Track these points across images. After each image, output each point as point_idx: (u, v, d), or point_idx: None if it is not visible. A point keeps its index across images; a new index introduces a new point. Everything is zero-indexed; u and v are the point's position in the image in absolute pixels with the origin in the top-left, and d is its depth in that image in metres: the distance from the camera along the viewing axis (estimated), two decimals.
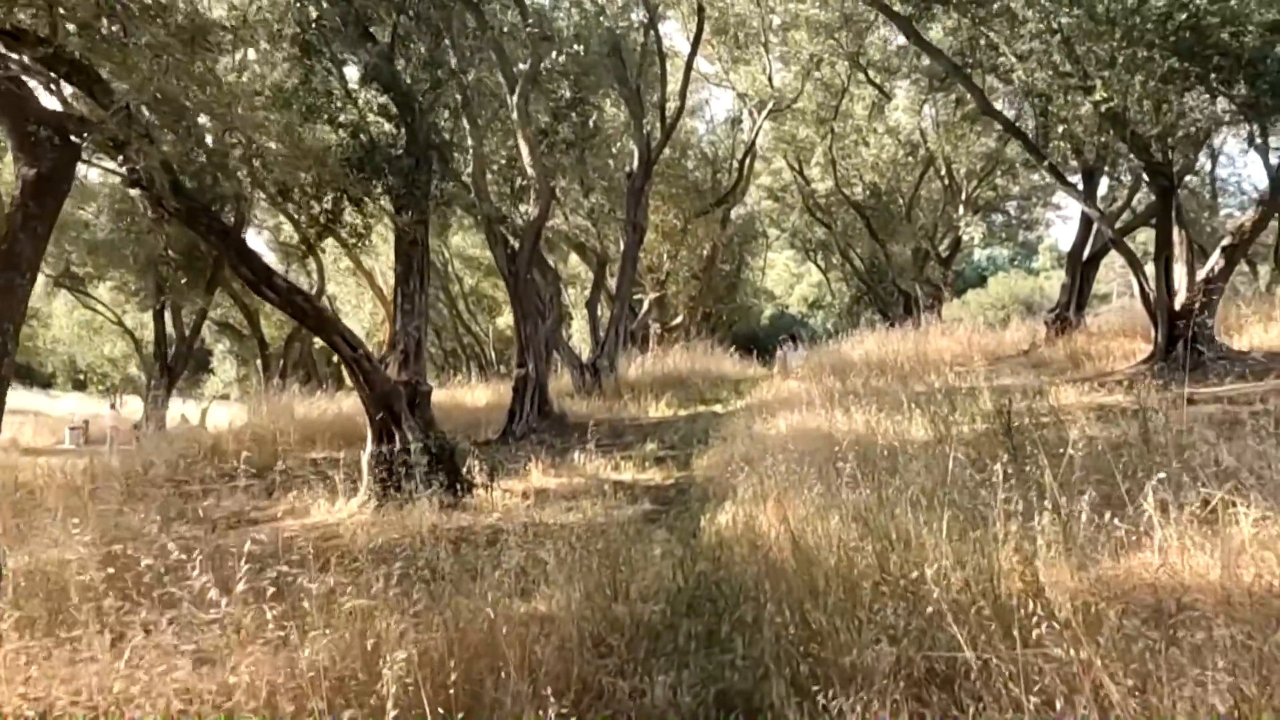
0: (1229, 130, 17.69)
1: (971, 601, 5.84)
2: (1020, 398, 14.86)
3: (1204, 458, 9.43)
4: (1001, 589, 6.19)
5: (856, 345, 23.36)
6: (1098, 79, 14.48)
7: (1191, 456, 9.47)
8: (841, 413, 13.55)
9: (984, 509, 7.27)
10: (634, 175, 24.14)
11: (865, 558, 6.55)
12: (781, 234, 49.85)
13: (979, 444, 11.41)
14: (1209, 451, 9.60)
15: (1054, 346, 21.32)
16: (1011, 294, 68.55)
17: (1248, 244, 16.86)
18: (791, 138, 37.36)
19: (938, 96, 31.86)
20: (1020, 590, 6.17)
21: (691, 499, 10.49)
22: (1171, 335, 16.44)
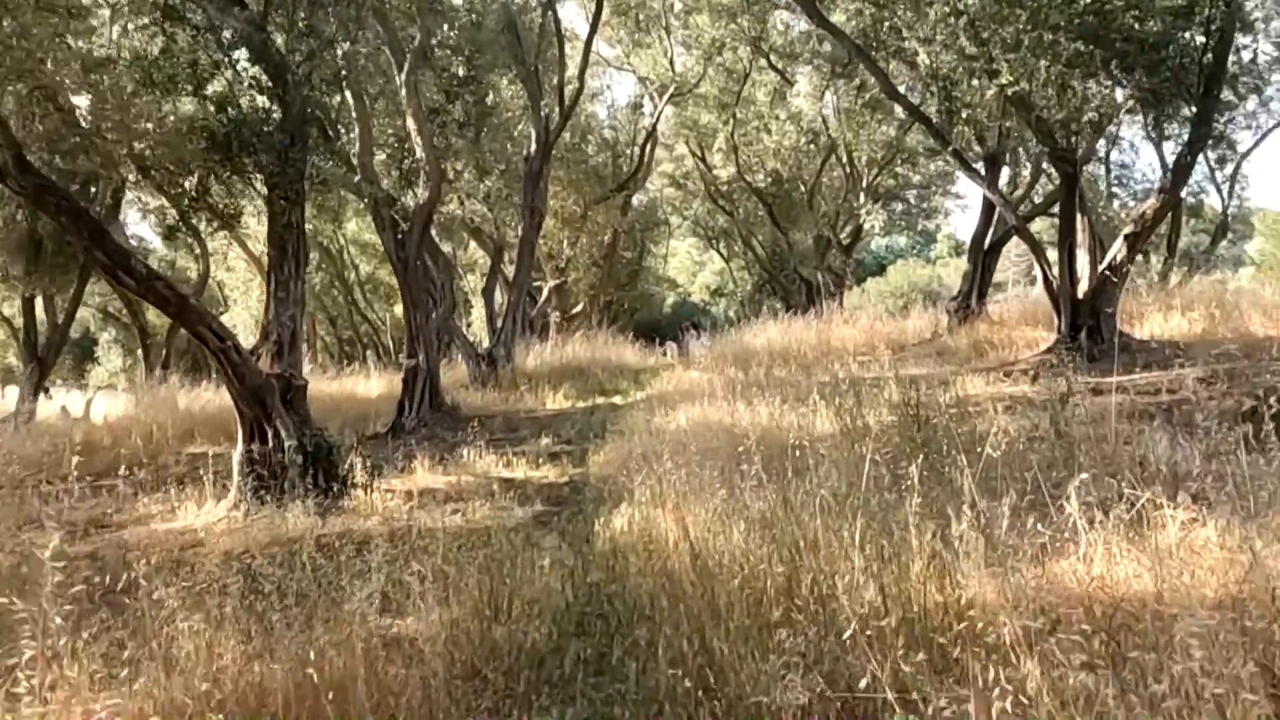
0: (1130, 118, 17.46)
1: (891, 624, 5.30)
2: (927, 388, 14.49)
3: (1123, 454, 9.07)
4: (921, 602, 5.66)
5: (759, 334, 22.91)
6: (1003, 62, 14.13)
7: (1109, 451, 9.10)
8: (744, 405, 13.02)
9: (898, 512, 6.76)
10: (532, 159, 23.37)
11: (772, 571, 5.96)
12: (684, 222, 49.49)
13: (888, 437, 10.95)
14: (1128, 447, 9.25)
15: (957, 335, 21.11)
16: (910, 282, 69.08)
17: (1150, 232, 16.73)
18: (693, 123, 36.90)
19: (839, 83, 31.70)
20: (940, 605, 5.64)
21: (586, 500, 9.83)
22: (1075, 324, 16.23)
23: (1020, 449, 9.02)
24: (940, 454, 9.50)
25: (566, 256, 35.73)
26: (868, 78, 30.35)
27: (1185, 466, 8.53)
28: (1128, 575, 5.79)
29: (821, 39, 29.85)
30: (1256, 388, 12.30)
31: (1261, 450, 8.99)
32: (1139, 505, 6.22)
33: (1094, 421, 10.84)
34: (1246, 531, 6.07)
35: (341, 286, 42.25)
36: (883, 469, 7.83)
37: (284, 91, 11.43)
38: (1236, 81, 15.68)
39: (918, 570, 5.74)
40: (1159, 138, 23.66)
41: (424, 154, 16.67)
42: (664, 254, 56.53)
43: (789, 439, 11.19)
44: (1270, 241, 60.78)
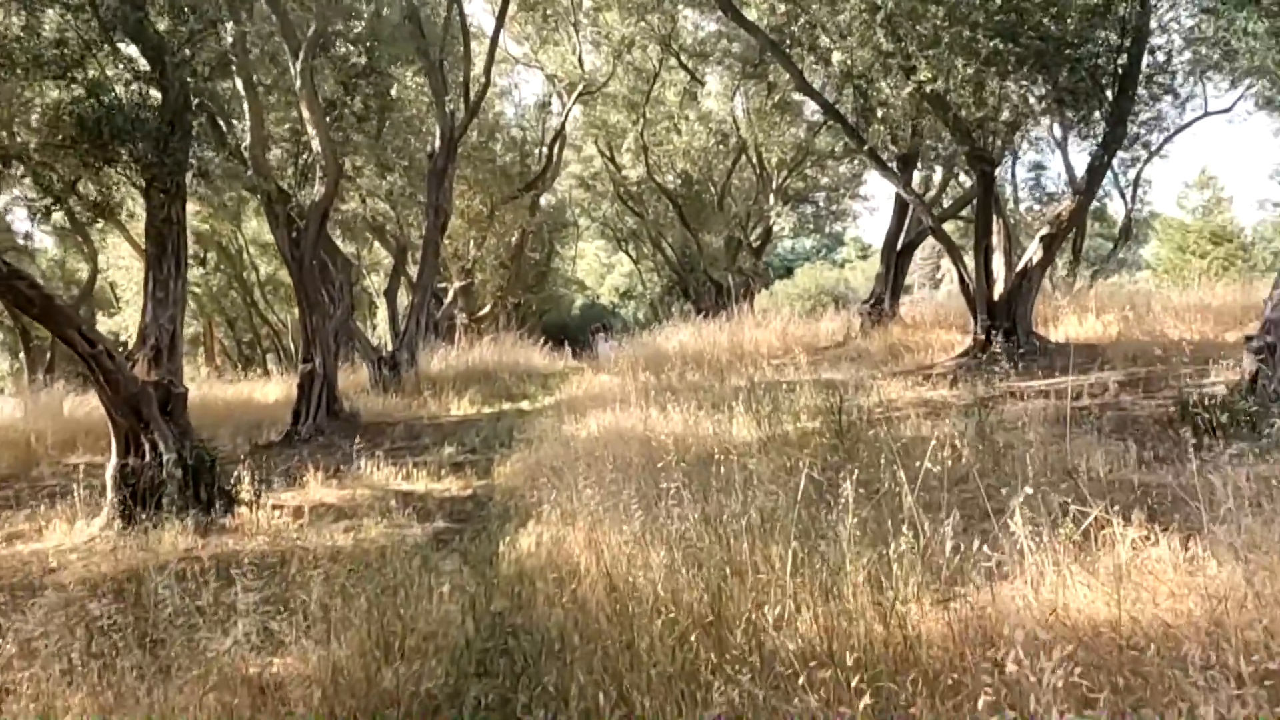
0: (1049, 118, 17.27)
1: (830, 655, 4.76)
2: (846, 393, 14.08)
3: (1054, 462, 8.68)
4: (861, 634, 5.11)
5: (671, 337, 22.37)
6: (921, 59, 13.78)
7: (1038, 459, 8.70)
8: (658, 411, 12.44)
9: (831, 531, 6.23)
10: (436, 156, 22.56)
11: (696, 604, 5.38)
12: (592, 223, 48.88)
13: (811, 446, 10.47)
14: (1059, 454, 8.87)
15: (870, 338, 20.81)
16: (818, 285, 69.42)
17: (1065, 233, 16.56)
18: (602, 123, 36.35)
19: (750, 84, 31.39)
20: (884, 638, 5.10)
21: (491, 516, 9.16)
22: (991, 327, 15.98)
23: (946, 457, 8.57)
24: (867, 464, 9.04)
25: (473, 257, 34.86)
26: (778, 78, 30.17)
27: (1122, 475, 8.18)
28: (1080, 601, 5.31)
29: (732, 38, 29.57)
30: (1177, 392, 12.09)
31: (1195, 457, 8.68)
32: (1086, 524, 5.78)
33: (1020, 427, 10.49)
34: (1200, 550, 5.68)
35: (241, 288, 40.83)
36: (810, 482, 7.32)
37: (163, 76, 10.56)
38: (1151, 82, 15.55)
39: (856, 600, 5.20)
40: (1062, 140, 23.74)
41: (320, 148, 15.81)
42: (573, 256, 55.87)
43: (708, 448, 10.67)
44: (1166, 246, 62.04)
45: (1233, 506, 6.17)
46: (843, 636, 4.94)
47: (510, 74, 36.92)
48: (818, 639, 5.00)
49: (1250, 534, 5.78)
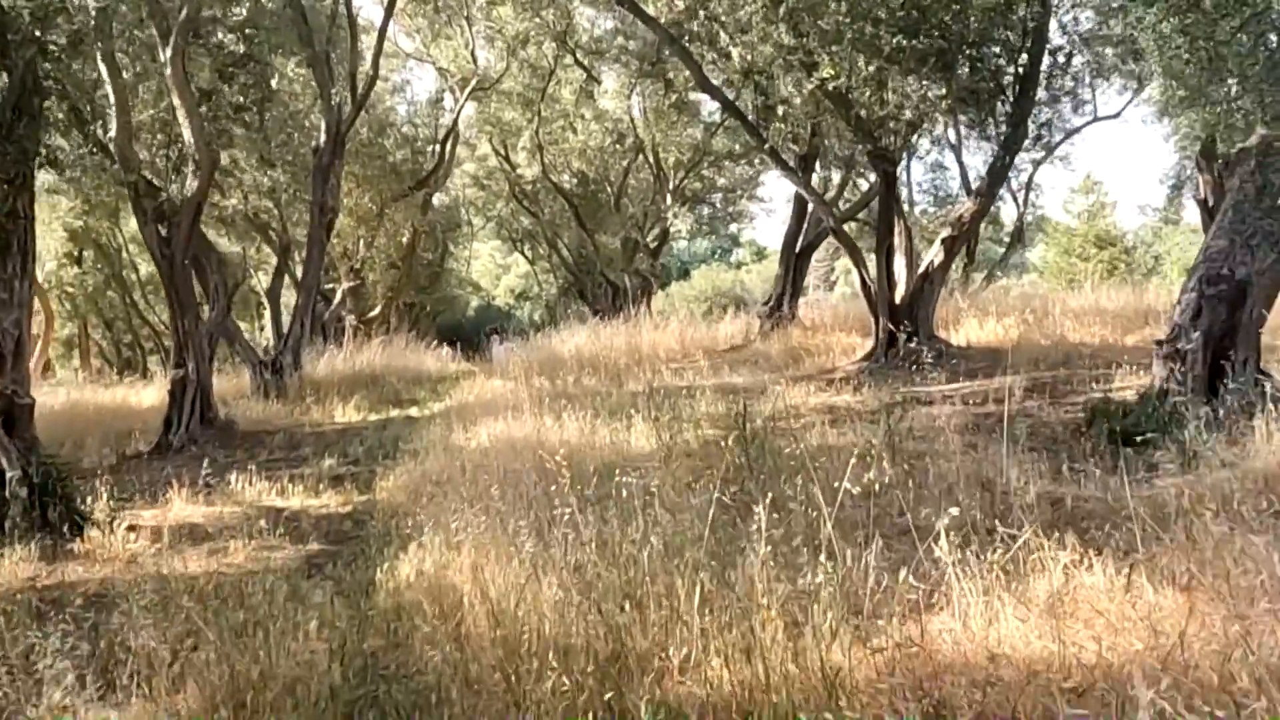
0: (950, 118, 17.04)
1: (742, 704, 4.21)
2: (747, 399, 13.62)
3: (967, 472, 8.27)
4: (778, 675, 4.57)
5: (567, 339, 21.72)
6: (823, 55, 13.37)
7: (950, 471, 8.29)
8: (553, 419, 11.82)
9: (739, 558, 5.69)
10: (321, 151, 21.60)
11: (593, 638, 4.79)
12: (487, 223, 47.96)
13: (714, 457, 9.96)
14: (970, 464, 8.47)
15: (770, 341, 20.46)
16: (715, 287, 69.45)
17: (967, 235, 16.37)
18: (496, 120, 35.59)
19: (647, 83, 30.90)
20: (801, 684, 4.55)
21: (370, 537, 8.42)
22: (893, 330, 15.66)
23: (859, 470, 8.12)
24: (775, 477, 8.55)
25: (363, 257, 33.76)
26: (676, 76, 29.79)
27: (1041, 488, 7.79)
28: (1015, 635, 4.84)
29: (630, 35, 29.04)
30: (1084, 398, 11.85)
31: (1110, 468, 8.35)
32: (1015, 548, 5.32)
33: (930, 436, 10.11)
34: (1138, 576, 5.26)
35: (120, 287, 39.04)
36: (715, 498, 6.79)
37: (4, 55, 9.61)
38: (1051, 84, 15.41)
39: (772, 639, 4.65)
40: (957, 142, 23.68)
41: (192, 139, 14.83)
42: (467, 256, 54.82)
43: (605, 460, 10.08)
44: (1052, 249, 63.24)
45: (1164, 530, 5.81)
46: (757, 682, 4.39)
47: (402, 70, 35.93)
48: (729, 685, 4.45)
49: (1185, 555, 5.40)
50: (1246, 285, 9.12)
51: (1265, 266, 9.07)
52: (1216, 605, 4.86)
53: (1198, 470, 7.64)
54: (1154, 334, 16.00)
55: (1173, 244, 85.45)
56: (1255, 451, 7.56)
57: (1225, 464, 7.64)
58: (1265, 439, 7.57)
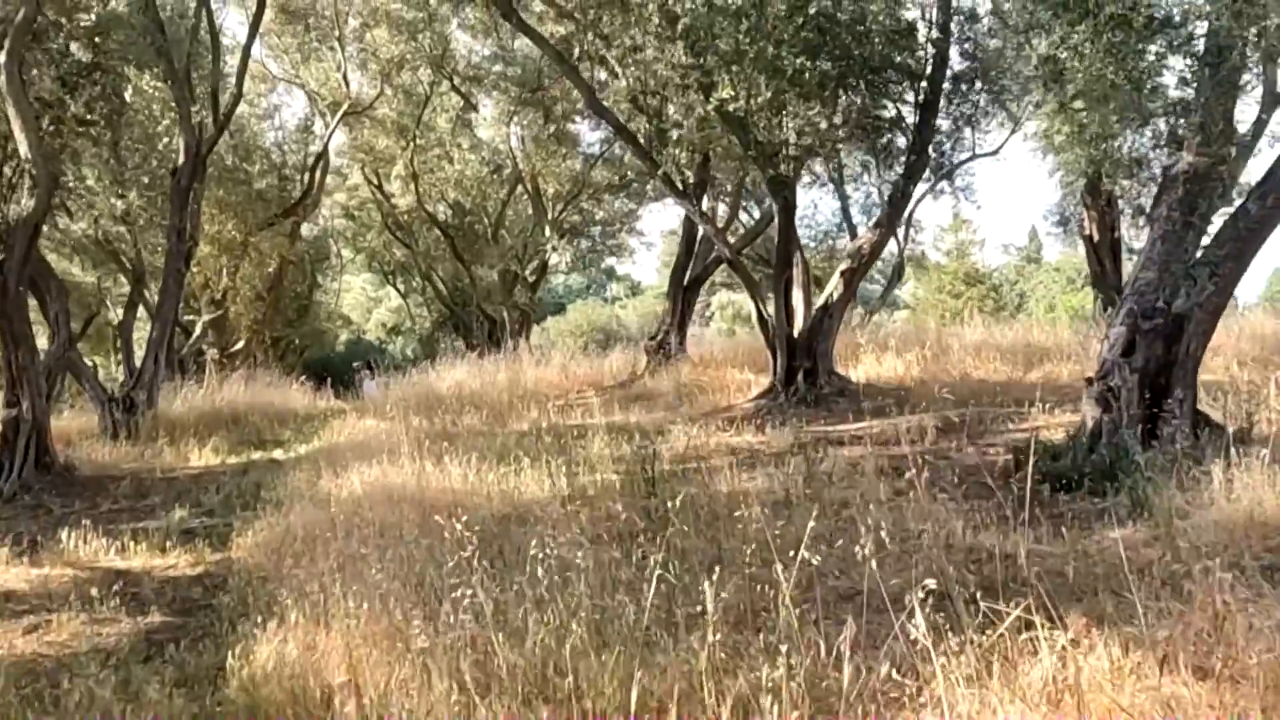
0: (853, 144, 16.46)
1: None
2: (644, 439, 12.73)
3: (905, 524, 7.49)
4: None
5: (445, 375, 20.52)
6: (722, 76, 12.63)
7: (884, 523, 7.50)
8: (435, 463, 10.73)
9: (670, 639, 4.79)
10: (180, 173, 20.11)
11: None
12: (358, 254, 46.37)
13: (614, 503, 9.02)
14: (897, 513, 7.68)
15: (659, 377, 19.63)
16: (590, 322, 68.77)
17: (867, 267, 15.80)
18: (369, 148, 34.29)
19: (528, 111, 30.08)
20: None
21: (223, 607, 7.23)
22: (791, 366, 14.97)
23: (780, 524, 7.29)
24: (687, 531, 7.66)
25: (225, 287, 31.98)
26: (557, 103, 29.05)
27: (985, 541, 7.03)
28: None
29: (509, 61, 28.17)
30: (1002, 438, 11.25)
31: (1055, 517, 7.65)
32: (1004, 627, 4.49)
33: (848, 481, 9.32)
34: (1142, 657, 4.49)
35: None
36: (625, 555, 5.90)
37: None
38: (952, 110, 14.98)
39: None
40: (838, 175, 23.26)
41: (29, 154, 13.35)
42: (337, 289, 52.95)
43: (496, 511, 9.06)
44: (924, 286, 64.22)
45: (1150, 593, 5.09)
46: None
47: (272, 95, 34.33)
48: None
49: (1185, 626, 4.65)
50: (1184, 319, 8.58)
51: (1203, 299, 8.53)
52: (1244, 693, 4.12)
53: (1152, 519, 6.98)
54: (1054, 371, 15.69)
55: (1036, 282, 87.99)
56: (1212, 499, 6.91)
57: (1179, 513, 7.00)
58: (1223, 486, 6.91)
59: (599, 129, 33.36)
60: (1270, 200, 8.18)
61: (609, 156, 33.45)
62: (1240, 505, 6.57)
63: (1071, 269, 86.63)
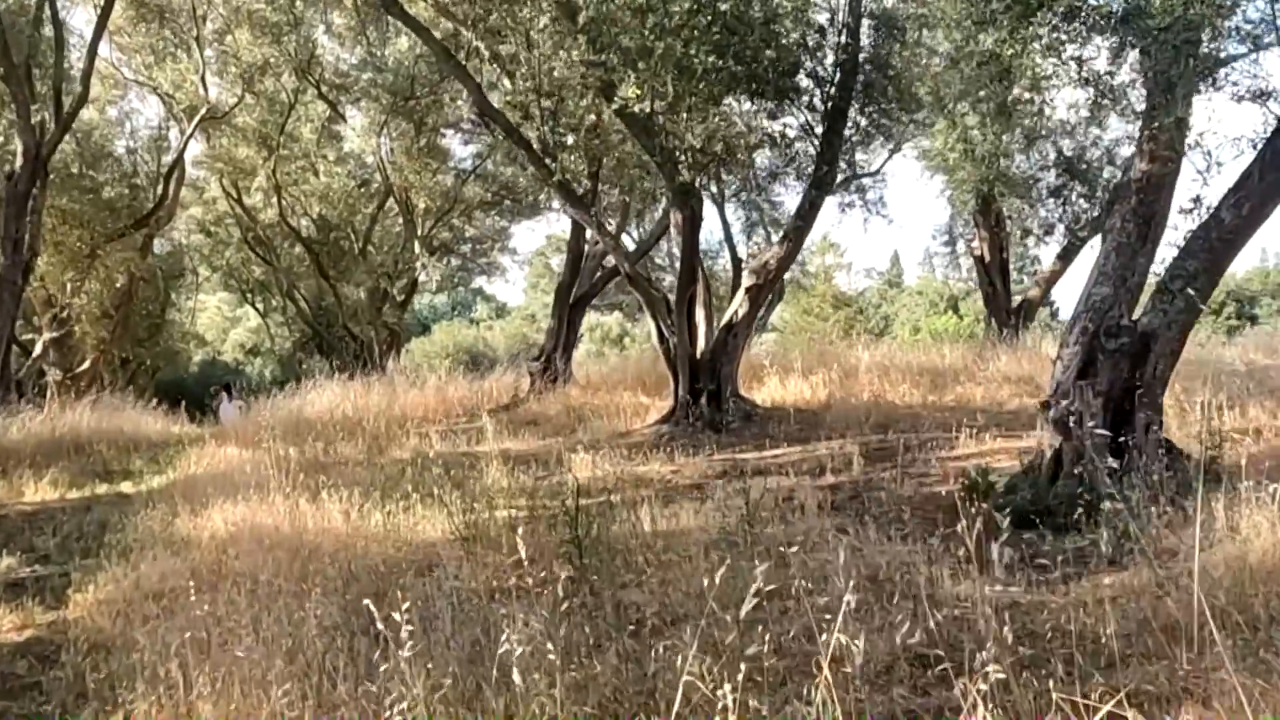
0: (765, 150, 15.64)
1: None
2: (541, 469, 11.68)
3: (873, 571, 6.57)
4: None
5: (313, 399, 19.02)
6: (627, 74, 11.67)
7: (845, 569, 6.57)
8: (310, 499, 9.48)
9: None
10: (17, 177, 18.39)
11: None
12: (215, 272, 44.10)
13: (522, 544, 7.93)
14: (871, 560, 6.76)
15: (545, 400, 18.54)
16: (456, 343, 67.37)
17: (774, 283, 15.02)
18: (229, 158, 32.37)
19: (399, 122, 28.72)
20: None
21: (55, 690, 5.88)
22: (694, 389, 14.06)
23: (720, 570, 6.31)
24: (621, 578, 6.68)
25: (70, 304, 29.70)
26: (429, 114, 27.76)
27: (965, 590, 6.15)
28: None
29: (380, 67, 26.79)
30: (935, 466, 10.50)
31: (1026, 558, 6.83)
32: None
33: (784, 514, 8.39)
34: None
35: None
36: None
37: None
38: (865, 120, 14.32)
39: None
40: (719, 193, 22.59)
41: None
42: (191, 307, 50.43)
43: (387, 553, 7.89)
44: (791, 308, 64.51)
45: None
46: None
47: (123, 100, 32.20)
48: None
49: None
50: (1150, 337, 7.88)
51: (1173, 315, 7.85)
52: None
53: (1145, 562, 6.19)
54: (965, 394, 15.12)
55: (900, 305, 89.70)
56: (1212, 540, 6.16)
57: (1173, 553, 6.26)
58: (1225, 524, 6.17)
59: (471, 143, 32.40)
60: (1246, 208, 7.55)
61: (482, 172, 32.45)
62: (1254, 545, 5.81)
63: (933, 292, 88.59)
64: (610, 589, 6.39)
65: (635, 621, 5.85)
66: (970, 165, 20.28)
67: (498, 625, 5.76)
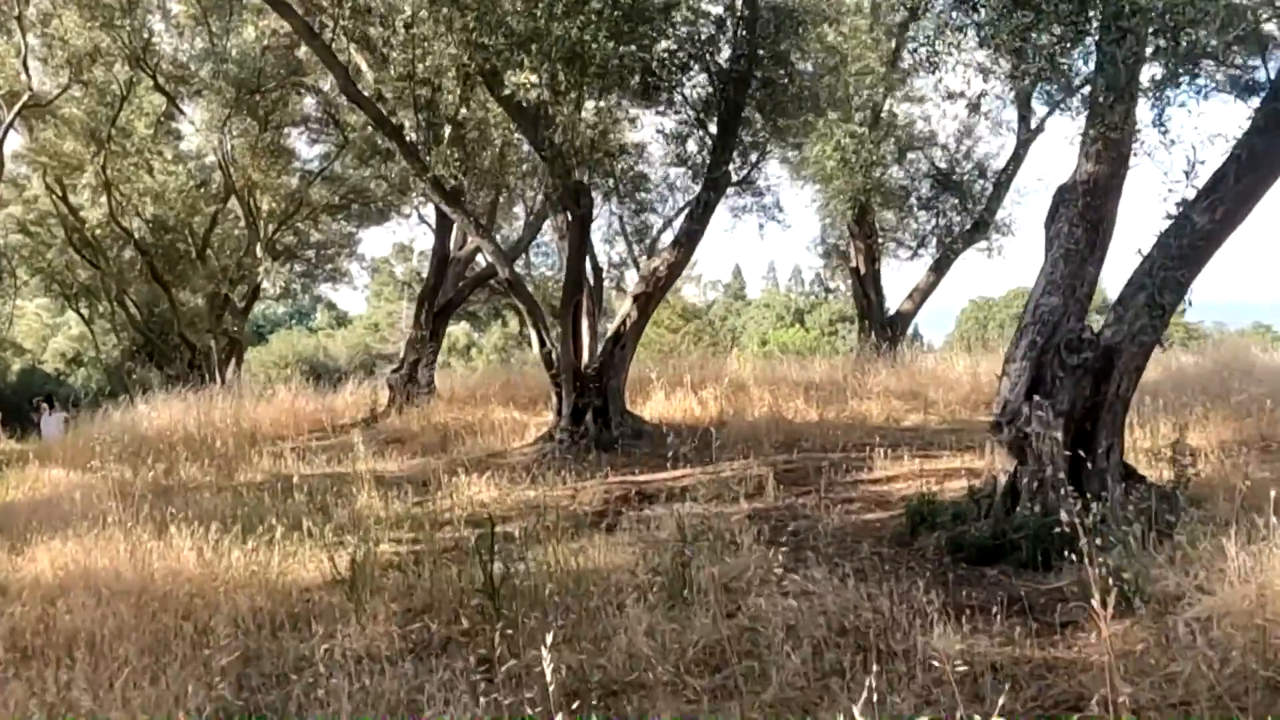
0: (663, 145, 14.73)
1: None
2: (415, 493, 10.52)
3: (839, 623, 5.67)
4: None
5: (148, 413, 17.28)
6: (518, 59, 10.63)
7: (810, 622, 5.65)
8: (153, 533, 8.12)
9: None
10: None
11: None
12: (35, 275, 41.06)
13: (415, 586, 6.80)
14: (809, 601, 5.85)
15: (407, 416, 17.23)
16: (296, 353, 64.82)
17: (664, 291, 14.13)
18: (54, 152, 29.90)
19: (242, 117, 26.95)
20: None
21: None
22: (579, 404, 13.06)
23: None
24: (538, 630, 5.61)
25: None
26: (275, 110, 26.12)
27: (974, 647, 5.29)
28: None
29: (224, 58, 25.04)
30: (857, 491, 9.73)
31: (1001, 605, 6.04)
32: None
33: (717, 548, 7.41)
34: None
35: None
36: None
37: None
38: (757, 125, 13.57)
39: None
40: None
41: None
42: (9, 313, 46.99)
43: (255, 603, 6.65)
44: None
45: None
46: None
47: None
48: None
49: None
50: (1114, 352, 7.21)
51: (1138, 329, 7.20)
52: None
53: (1144, 607, 5.43)
54: (860, 410, 14.48)
55: (747, 318, 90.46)
56: (1210, 583, 5.45)
57: (1177, 598, 5.54)
58: (1238, 564, 5.47)
59: (319, 142, 30.80)
60: (1220, 212, 6.94)
61: (329, 174, 30.93)
62: (1275, 589, 5.11)
63: (780, 305, 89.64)
64: (536, 648, 5.33)
65: (572, 693, 4.82)
66: (847, 174, 19.90)
67: (409, 706, 4.71)
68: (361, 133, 22.19)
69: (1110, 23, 6.67)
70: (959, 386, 15.85)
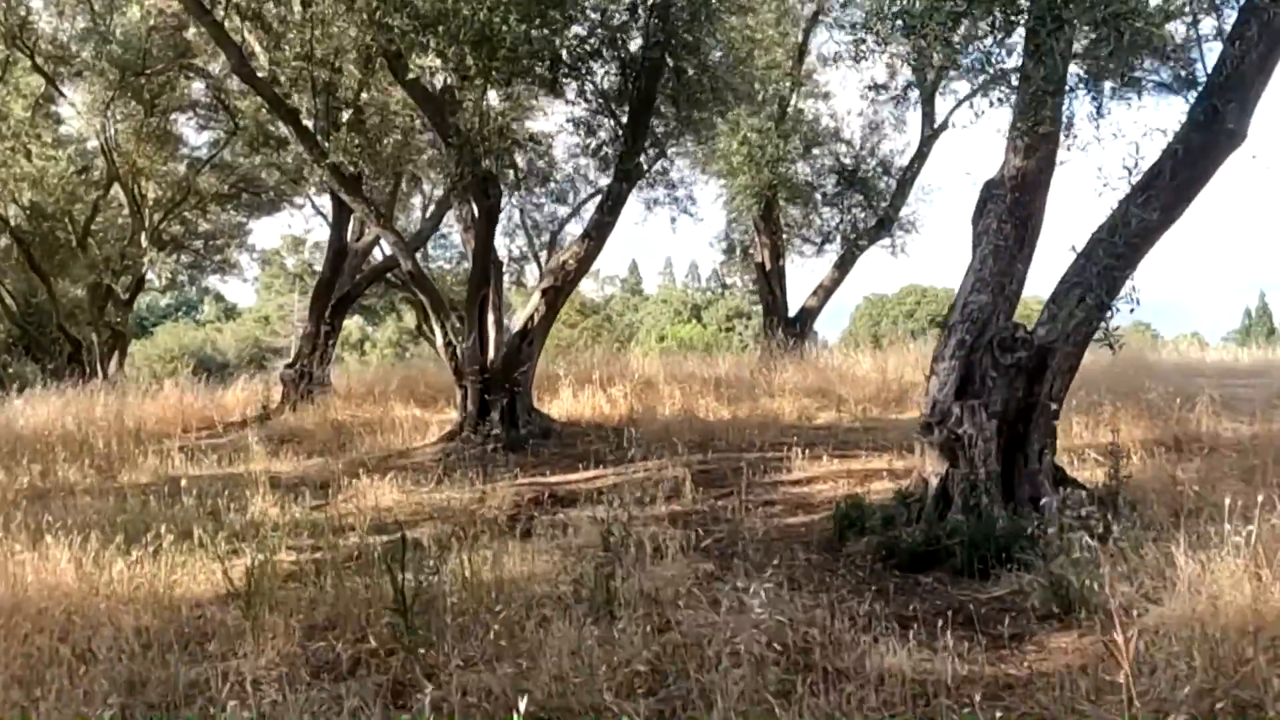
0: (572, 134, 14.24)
1: None
2: (314, 496, 9.98)
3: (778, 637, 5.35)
4: None
5: (21, 409, 16.26)
6: (424, 41, 10.15)
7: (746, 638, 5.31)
8: (26, 542, 7.46)
9: None
10: None
11: None
12: None
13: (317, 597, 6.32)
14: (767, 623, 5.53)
15: (302, 413, 16.53)
16: (183, 346, 62.92)
17: (573, 285, 13.74)
18: None
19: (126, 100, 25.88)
20: None
21: None
22: (485, 402, 12.60)
23: None
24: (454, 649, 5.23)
25: None
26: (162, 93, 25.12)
27: (914, 664, 5.01)
28: None
29: (107, 39, 23.98)
30: (779, 493, 9.47)
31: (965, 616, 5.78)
32: None
33: (638, 560, 7.05)
34: None
35: None
36: None
37: None
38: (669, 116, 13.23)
39: None
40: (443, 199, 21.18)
41: None
42: None
43: (139, 621, 6.11)
44: None
45: None
46: None
47: None
48: None
49: None
50: (1048, 352, 7.03)
51: (1071, 328, 7.02)
52: None
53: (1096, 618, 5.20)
54: (771, 407, 14.27)
55: (645, 313, 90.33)
56: (1177, 591, 5.26)
57: (1126, 609, 5.32)
58: (1189, 573, 5.29)
59: (208, 129, 29.80)
60: (1155, 209, 6.79)
61: (218, 162, 29.93)
62: (1226, 599, 4.93)
63: (678, 301, 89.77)
64: (453, 670, 4.93)
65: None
66: (753, 169, 19.74)
67: None
68: (254, 119, 21.47)
69: (1045, 13, 6.47)
70: (867, 384, 15.75)
